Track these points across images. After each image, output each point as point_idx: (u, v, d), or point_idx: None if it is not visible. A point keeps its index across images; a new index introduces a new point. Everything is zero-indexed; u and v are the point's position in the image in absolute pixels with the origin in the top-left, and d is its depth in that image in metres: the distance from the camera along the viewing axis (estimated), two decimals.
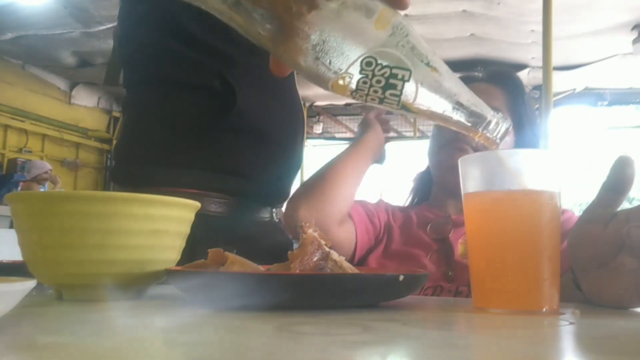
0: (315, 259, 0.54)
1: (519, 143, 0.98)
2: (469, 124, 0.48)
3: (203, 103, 0.93)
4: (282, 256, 0.59)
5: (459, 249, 0.89)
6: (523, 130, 0.98)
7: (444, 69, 0.47)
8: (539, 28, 3.01)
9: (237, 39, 0.93)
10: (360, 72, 0.46)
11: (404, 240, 0.95)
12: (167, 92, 0.94)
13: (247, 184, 0.98)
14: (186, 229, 0.64)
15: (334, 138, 8.10)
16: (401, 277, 0.51)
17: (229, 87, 0.91)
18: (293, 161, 1.05)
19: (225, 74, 0.92)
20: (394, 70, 0.46)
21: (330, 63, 0.46)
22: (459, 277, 0.86)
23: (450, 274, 0.88)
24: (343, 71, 0.46)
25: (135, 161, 0.96)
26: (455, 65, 4.58)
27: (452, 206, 0.98)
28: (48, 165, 5.57)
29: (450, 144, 0.96)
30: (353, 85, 0.47)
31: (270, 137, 0.97)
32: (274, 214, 1.08)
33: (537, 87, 5.44)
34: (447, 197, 1.00)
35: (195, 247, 0.65)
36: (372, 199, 1.11)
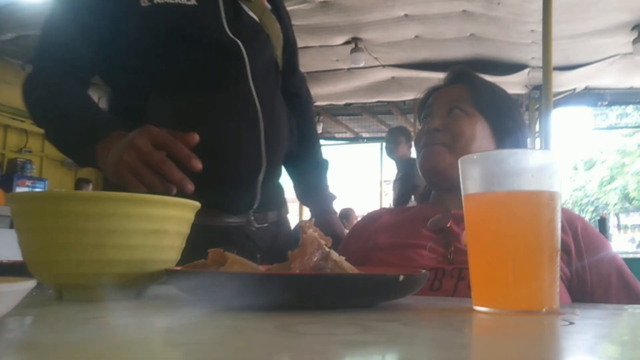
0: (315, 259, 0.54)
1: (499, 135, 0.98)
2: None
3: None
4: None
5: (464, 238, 0.90)
6: (501, 121, 0.98)
7: None
8: (539, 28, 3.00)
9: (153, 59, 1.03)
10: None
11: (406, 235, 0.96)
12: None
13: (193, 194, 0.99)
14: (186, 229, 0.64)
15: (334, 138, 8.09)
16: (401, 277, 0.51)
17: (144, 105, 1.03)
18: (248, 169, 1.04)
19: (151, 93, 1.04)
20: None
21: None
22: (460, 260, 0.87)
23: (449, 256, 0.89)
24: None
25: None
26: (455, 65, 4.56)
27: (452, 202, 0.98)
28: None
29: (425, 146, 0.99)
30: None
31: (206, 149, 0.99)
32: (252, 219, 1.07)
33: (537, 87, 5.44)
34: (444, 195, 1.01)
35: None
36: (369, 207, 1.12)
